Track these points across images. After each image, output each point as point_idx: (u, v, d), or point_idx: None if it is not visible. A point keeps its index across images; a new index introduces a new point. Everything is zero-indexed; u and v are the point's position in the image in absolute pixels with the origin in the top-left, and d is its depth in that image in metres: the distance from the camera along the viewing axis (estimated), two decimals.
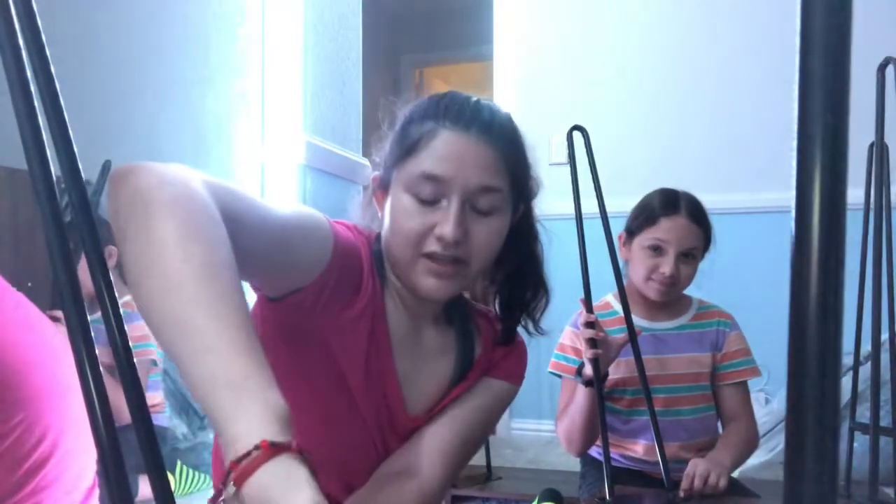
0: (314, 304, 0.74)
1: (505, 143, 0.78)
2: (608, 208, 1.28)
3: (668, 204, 1.36)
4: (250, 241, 0.61)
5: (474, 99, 0.80)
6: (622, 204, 1.80)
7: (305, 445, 0.92)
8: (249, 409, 0.45)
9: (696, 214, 1.36)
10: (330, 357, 0.79)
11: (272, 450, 0.43)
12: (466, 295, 0.94)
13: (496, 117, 0.79)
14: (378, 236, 0.84)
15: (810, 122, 0.23)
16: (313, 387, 0.79)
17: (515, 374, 0.93)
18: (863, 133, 1.46)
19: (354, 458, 0.84)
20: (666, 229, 1.35)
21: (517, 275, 0.89)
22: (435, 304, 0.85)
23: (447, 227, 0.74)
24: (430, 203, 0.75)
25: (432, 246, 0.75)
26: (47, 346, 0.90)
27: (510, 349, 0.93)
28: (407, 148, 0.77)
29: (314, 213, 0.74)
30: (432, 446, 0.84)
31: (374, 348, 0.80)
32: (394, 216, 0.77)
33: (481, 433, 0.91)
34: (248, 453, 0.43)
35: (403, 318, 0.84)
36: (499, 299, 0.92)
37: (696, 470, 1.25)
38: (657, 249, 1.35)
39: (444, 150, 0.75)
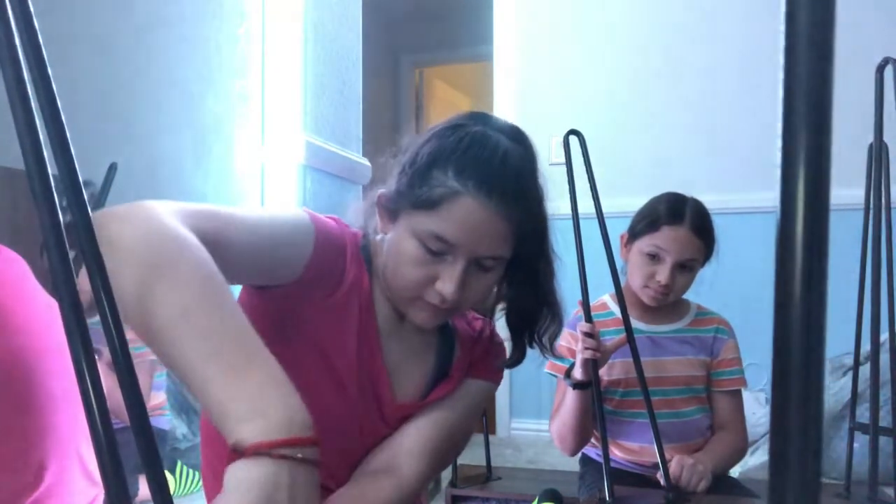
0: (298, 292, 0.77)
1: (522, 212, 0.78)
2: (605, 209, 1.28)
3: (673, 213, 1.34)
4: (233, 255, 0.64)
5: (501, 151, 0.77)
6: (620, 205, 1.80)
7: None
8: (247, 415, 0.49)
9: (699, 226, 1.34)
10: (318, 341, 0.81)
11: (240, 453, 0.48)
12: None
13: (520, 178, 0.78)
14: (365, 235, 0.87)
15: (793, 121, 0.23)
16: (301, 369, 0.80)
17: (494, 373, 0.95)
18: (863, 133, 1.47)
19: (340, 443, 0.85)
20: (666, 238, 1.33)
21: (524, 297, 0.88)
22: None
23: (449, 288, 0.76)
24: (435, 254, 0.77)
25: (431, 297, 0.78)
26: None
27: (488, 348, 0.94)
28: (425, 201, 0.76)
29: (295, 211, 0.77)
30: (413, 445, 0.85)
31: (362, 333, 0.83)
32: (398, 256, 0.79)
33: (462, 433, 0.92)
34: (234, 450, 0.48)
35: (389, 307, 0.87)
36: (507, 320, 0.92)
37: (677, 465, 1.27)
38: (655, 257, 1.35)
39: (462, 218, 0.75)
